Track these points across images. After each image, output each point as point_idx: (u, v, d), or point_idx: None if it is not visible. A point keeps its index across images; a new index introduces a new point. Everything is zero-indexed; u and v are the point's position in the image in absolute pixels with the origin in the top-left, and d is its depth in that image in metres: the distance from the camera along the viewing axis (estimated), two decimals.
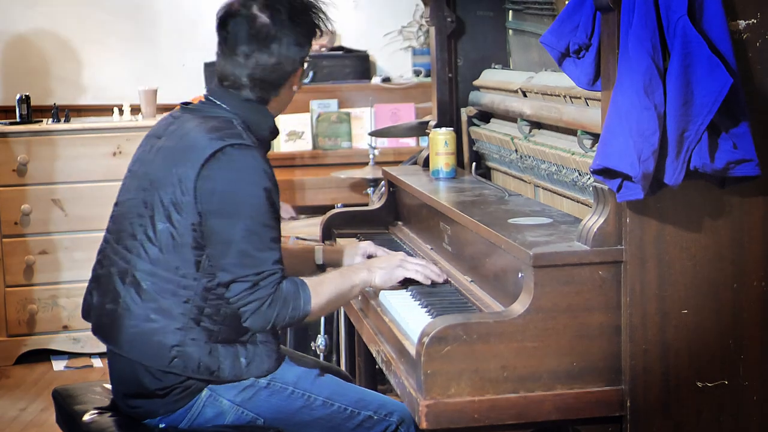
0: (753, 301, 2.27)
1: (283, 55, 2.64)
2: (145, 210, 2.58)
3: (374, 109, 5.39)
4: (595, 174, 2.19)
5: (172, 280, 2.54)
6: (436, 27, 3.46)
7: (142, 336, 2.56)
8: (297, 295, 2.55)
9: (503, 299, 2.46)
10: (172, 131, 2.64)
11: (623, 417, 2.25)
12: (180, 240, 2.53)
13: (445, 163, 3.31)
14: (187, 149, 2.56)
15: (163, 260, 2.54)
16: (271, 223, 2.54)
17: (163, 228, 2.55)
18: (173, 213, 2.54)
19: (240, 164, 2.53)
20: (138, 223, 2.59)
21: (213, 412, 2.61)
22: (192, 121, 2.63)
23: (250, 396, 2.61)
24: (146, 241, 2.57)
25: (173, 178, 2.55)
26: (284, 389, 2.64)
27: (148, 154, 2.66)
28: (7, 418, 4.50)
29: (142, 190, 2.61)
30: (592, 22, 2.24)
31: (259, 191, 2.53)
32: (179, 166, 2.55)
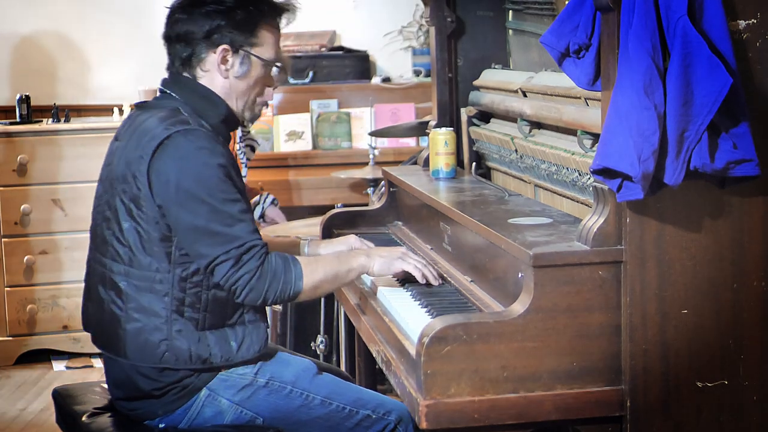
0: (753, 301, 2.27)
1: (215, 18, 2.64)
2: (110, 212, 2.60)
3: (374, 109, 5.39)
4: (595, 174, 2.19)
5: (147, 277, 2.55)
6: (436, 27, 3.46)
7: (132, 338, 2.57)
8: (288, 269, 2.55)
9: (503, 299, 2.46)
10: (126, 131, 2.66)
11: (623, 417, 2.25)
12: (146, 236, 2.55)
13: (445, 163, 3.31)
14: (137, 145, 2.58)
15: (135, 259, 2.56)
16: (233, 197, 2.53)
17: (129, 227, 2.56)
18: (134, 210, 2.55)
19: (187, 148, 2.53)
20: (106, 226, 2.61)
21: (212, 411, 2.61)
22: (142, 116, 2.64)
23: (248, 395, 2.62)
24: (116, 243, 2.58)
25: (128, 176, 2.56)
26: (283, 388, 2.64)
27: (110, 158, 2.69)
28: (7, 418, 4.50)
29: (105, 193, 2.64)
30: (592, 22, 2.24)
31: (211, 170, 2.52)
32: (132, 163, 2.57)
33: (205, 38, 2.65)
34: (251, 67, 2.69)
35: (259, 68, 2.70)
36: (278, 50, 2.73)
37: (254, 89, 2.72)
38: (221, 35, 2.65)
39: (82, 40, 5.79)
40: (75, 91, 5.79)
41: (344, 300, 3.07)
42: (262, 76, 2.71)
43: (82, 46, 5.79)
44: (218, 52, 2.65)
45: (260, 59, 2.68)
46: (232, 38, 2.65)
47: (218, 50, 2.65)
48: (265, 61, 2.69)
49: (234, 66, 2.67)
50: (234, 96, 2.70)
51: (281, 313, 4.12)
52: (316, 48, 5.74)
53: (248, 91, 2.71)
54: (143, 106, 2.72)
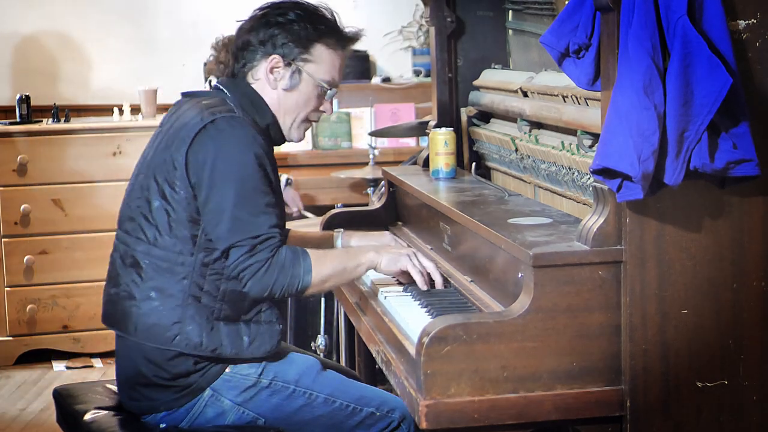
0: (753, 301, 2.27)
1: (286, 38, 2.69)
2: (141, 193, 2.63)
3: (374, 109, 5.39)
4: (595, 174, 2.19)
5: (169, 258, 2.57)
6: (436, 27, 3.46)
7: (144, 316, 2.58)
8: (297, 262, 2.55)
9: (503, 299, 2.46)
10: (170, 117, 2.70)
11: (623, 417, 2.25)
12: (175, 216, 2.56)
13: (445, 163, 3.31)
14: (180, 128, 2.60)
15: (160, 239, 2.58)
16: (264, 188, 2.55)
17: (158, 206, 2.58)
18: (167, 189, 2.57)
19: (228, 133, 2.56)
20: (136, 205, 2.63)
21: (214, 412, 2.61)
22: (187, 104, 2.68)
23: (251, 396, 2.62)
24: (144, 222, 2.60)
25: (168, 158, 2.59)
26: (286, 388, 2.64)
27: (152, 144, 2.72)
28: (7, 418, 4.50)
29: (140, 176, 2.66)
30: (591, 22, 2.24)
31: (247, 157, 2.54)
32: (172, 144, 2.59)
33: (260, 45, 2.70)
34: (301, 82, 2.71)
35: (310, 86, 2.72)
36: (335, 74, 2.75)
37: (304, 108, 2.74)
38: (275, 45, 2.69)
39: (83, 40, 5.79)
40: (75, 91, 5.79)
41: (344, 300, 3.07)
42: (312, 95, 2.73)
43: (83, 46, 5.79)
44: (269, 61, 2.69)
45: (311, 77, 2.71)
46: (285, 50, 2.69)
47: (269, 59, 2.69)
48: (316, 80, 2.71)
49: (283, 78, 2.71)
50: (282, 110, 2.73)
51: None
52: None
53: (297, 109, 2.73)
54: (189, 94, 2.75)
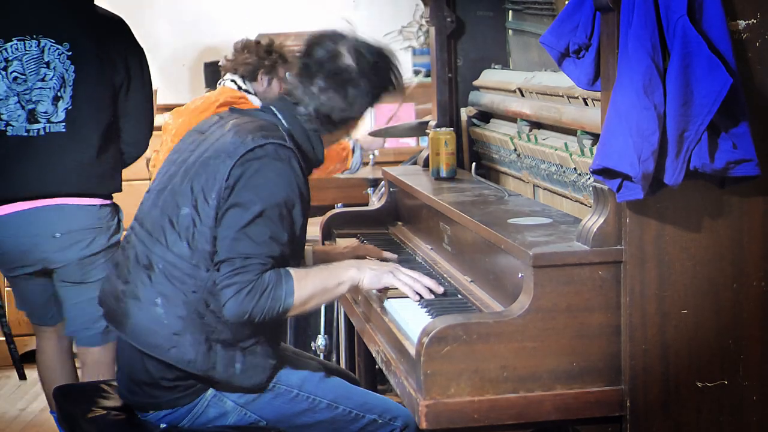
0: (753, 301, 2.27)
1: (356, 101, 2.68)
2: (173, 196, 2.60)
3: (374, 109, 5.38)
4: (595, 174, 2.19)
5: (184, 268, 2.54)
6: (436, 27, 3.46)
7: (145, 320, 2.56)
8: (279, 284, 2.51)
9: (503, 299, 2.46)
10: (217, 128, 2.67)
11: (623, 417, 2.25)
12: (200, 227, 2.54)
13: (445, 163, 3.31)
14: (229, 143, 2.57)
15: (180, 246, 2.55)
16: (279, 225, 2.52)
17: (186, 213, 2.56)
18: (200, 198, 2.55)
19: (272, 161, 2.54)
20: (164, 206, 2.60)
21: (216, 412, 2.61)
22: (238, 120, 2.66)
23: (253, 398, 2.61)
24: (168, 225, 2.58)
25: (209, 168, 2.56)
26: (289, 392, 2.63)
27: (188, 146, 2.69)
28: (7, 418, 4.50)
29: (175, 176, 2.63)
30: (591, 22, 2.24)
31: (278, 191, 2.53)
32: (218, 157, 2.56)
33: (358, 114, 2.77)
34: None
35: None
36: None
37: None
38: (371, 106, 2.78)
39: None
40: None
41: (344, 300, 3.07)
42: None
43: None
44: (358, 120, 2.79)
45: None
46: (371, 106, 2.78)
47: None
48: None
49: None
50: (330, 145, 2.81)
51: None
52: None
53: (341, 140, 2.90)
54: (239, 111, 2.74)
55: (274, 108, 2.69)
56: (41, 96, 3.47)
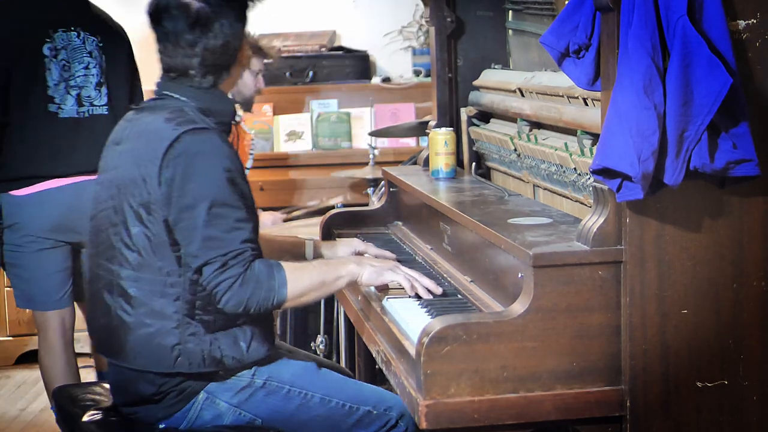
0: (753, 301, 2.27)
1: (228, 33, 2.62)
2: (116, 217, 2.57)
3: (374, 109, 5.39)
4: (595, 174, 2.19)
5: (158, 281, 2.53)
6: (436, 27, 3.46)
7: (143, 343, 2.54)
8: (271, 275, 2.50)
9: (503, 299, 2.46)
10: (129, 134, 2.64)
11: (623, 417, 2.25)
12: (156, 240, 2.52)
13: (445, 163, 3.31)
14: (146, 147, 2.55)
15: (145, 263, 2.53)
16: (235, 203, 2.51)
17: (138, 231, 2.53)
18: (144, 214, 2.52)
19: (196, 149, 2.52)
20: (113, 232, 2.58)
21: (211, 414, 2.60)
22: (145, 119, 2.62)
23: (246, 397, 2.61)
24: (124, 248, 2.55)
25: (138, 180, 2.53)
26: (281, 388, 2.63)
27: (112, 162, 2.65)
28: (7, 418, 4.50)
29: (110, 199, 2.60)
30: (591, 22, 2.24)
31: (217, 172, 2.51)
32: (141, 166, 2.54)
33: (238, 43, 2.69)
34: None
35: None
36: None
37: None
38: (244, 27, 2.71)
39: None
40: None
41: (344, 300, 3.07)
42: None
43: None
44: (243, 49, 2.71)
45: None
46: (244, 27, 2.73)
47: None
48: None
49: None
50: (233, 85, 2.75)
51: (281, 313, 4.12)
52: (316, 48, 5.74)
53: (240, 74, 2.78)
54: (141, 108, 2.70)
55: (167, 91, 2.66)
56: (86, 82, 3.87)
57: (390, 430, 2.67)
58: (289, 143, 5.58)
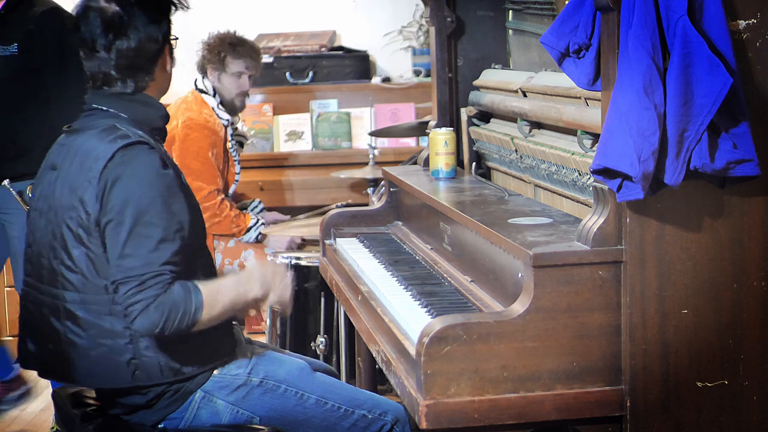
0: (753, 301, 2.27)
1: (142, 36, 2.59)
2: (56, 242, 2.54)
3: (374, 109, 5.39)
4: (595, 174, 2.19)
5: (104, 301, 2.50)
6: (436, 27, 3.46)
7: (98, 363, 2.52)
8: (188, 299, 2.45)
9: (503, 299, 2.46)
10: (64, 158, 2.60)
11: (623, 417, 2.25)
12: (98, 259, 2.49)
13: (445, 163, 3.31)
14: (80, 169, 2.52)
15: (89, 284, 2.51)
16: (161, 222, 2.46)
17: (79, 253, 2.51)
18: (83, 235, 2.50)
19: (126, 165, 2.49)
20: (53, 256, 2.55)
21: (208, 413, 2.60)
22: (77, 140, 2.59)
23: (243, 395, 2.61)
24: (66, 272, 2.52)
25: (75, 202, 2.51)
26: (277, 387, 2.63)
27: (48, 188, 2.61)
28: (7, 418, 4.50)
29: (49, 223, 2.57)
30: (592, 22, 2.24)
31: (146, 190, 2.47)
32: (79, 189, 2.51)
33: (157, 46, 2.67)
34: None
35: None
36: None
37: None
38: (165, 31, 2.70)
39: None
40: None
41: (344, 300, 3.07)
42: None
43: None
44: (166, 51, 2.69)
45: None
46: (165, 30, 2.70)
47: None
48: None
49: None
50: (163, 87, 2.74)
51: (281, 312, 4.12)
52: (316, 48, 5.74)
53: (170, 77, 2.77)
54: (73, 130, 2.65)
55: (96, 104, 2.63)
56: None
57: None
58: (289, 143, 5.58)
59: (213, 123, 4.68)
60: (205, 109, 4.71)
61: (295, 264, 4.05)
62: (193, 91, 4.79)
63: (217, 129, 4.69)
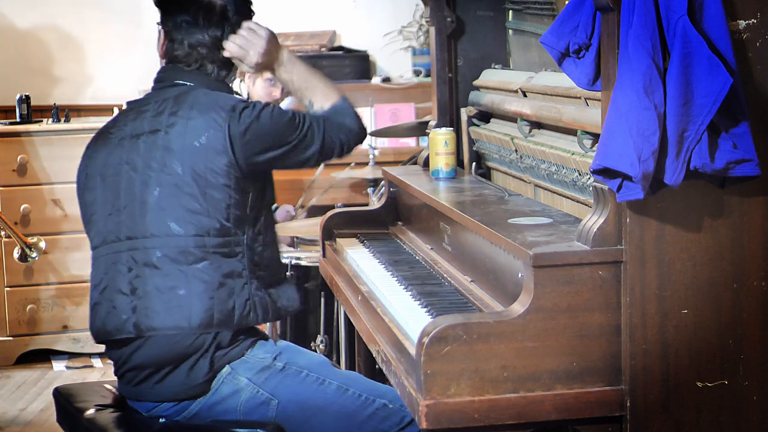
0: (753, 301, 2.27)
1: (235, 27, 2.75)
2: (176, 189, 2.61)
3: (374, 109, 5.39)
4: (595, 174, 2.19)
5: (228, 243, 2.62)
6: (436, 27, 3.46)
7: (213, 307, 2.59)
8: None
9: (503, 299, 2.46)
10: (155, 122, 2.67)
11: (623, 417, 2.25)
12: (229, 201, 2.61)
13: (445, 163, 3.31)
14: (194, 122, 2.62)
15: (215, 226, 2.60)
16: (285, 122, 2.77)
17: (208, 196, 2.60)
18: (212, 178, 2.60)
19: (254, 112, 2.67)
20: (171, 204, 2.61)
21: (230, 389, 2.62)
22: (167, 104, 2.68)
23: (266, 377, 2.64)
24: (190, 216, 2.60)
25: (199, 150, 2.61)
26: (299, 372, 2.67)
27: (140, 151, 2.66)
28: (7, 418, 4.50)
29: (164, 175, 2.62)
30: (592, 22, 2.24)
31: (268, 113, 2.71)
32: (195, 139, 2.61)
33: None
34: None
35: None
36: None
37: None
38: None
39: (82, 40, 5.79)
40: (75, 91, 5.79)
41: (344, 300, 3.07)
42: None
43: (82, 46, 5.79)
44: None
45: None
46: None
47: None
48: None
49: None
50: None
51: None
52: (316, 48, 5.74)
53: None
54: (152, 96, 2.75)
55: (180, 80, 2.73)
56: None
57: (405, 427, 2.68)
58: None
59: None
60: None
61: (295, 264, 4.05)
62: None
63: None
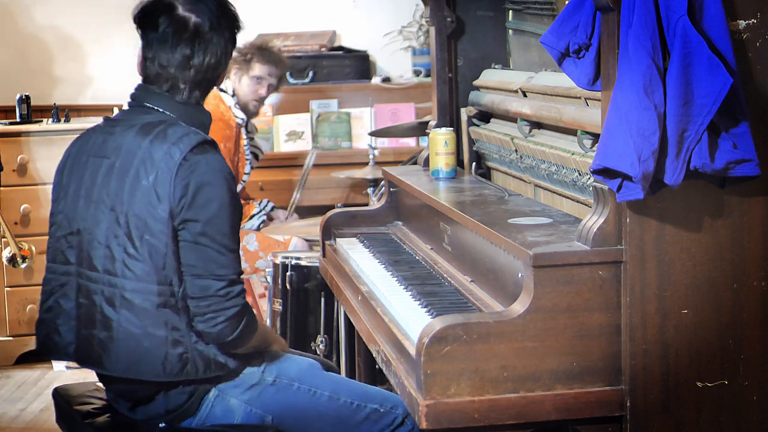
0: (753, 301, 2.27)
1: (222, 53, 2.62)
2: (119, 229, 2.52)
3: (374, 109, 5.39)
4: (595, 174, 2.19)
5: (165, 292, 2.50)
6: (436, 27, 3.46)
7: (148, 354, 2.51)
8: (254, 317, 2.57)
9: (503, 299, 2.46)
10: (117, 148, 2.59)
11: (623, 417, 2.25)
12: (166, 249, 2.49)
13: (445, 163, 3.31)
14: (150, 159, 2.51)
15: (152, 274, 2.49)
16: (234, 228, 2.53)
17: (145, 242, 2.50)
18: (152, 223, 2.49)
19: (211, 162, 2.52)
20: (115, 243, 2.52)
21: (222, 410, 2.61)
22: (131, 131, 2.59)
23: (257, 394, 2.62)
24: (128, 259, 2.50)
25: (144, 190, 2.50)
26: (290, 385, 2.65)
27: (98, 177, 2.60)
28: (7, 418, 4.50)
29: (109, 212, 2.55)
30: (592, 22, 2.24)
31: (225, 193, 2.51)
32: (144, 177, 2.51)
33: (227, 64, 2.74)
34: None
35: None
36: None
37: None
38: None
39: (82, 40, 5.79)
40: (75, 91, 5.79)
41: (344, 300, 3.07)
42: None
43: (82, 45, 5.79)
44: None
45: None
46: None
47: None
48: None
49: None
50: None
51: (281, 312, 4.12)
52: (316, 48, 5.74)
53: None
54: (118, 120, 2.67)
55: (149, 104, 2.63)
56: None
57: (397, 428, 2.69)
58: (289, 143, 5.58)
59: (228, 117, 4.76)
60: (222, 104, 4.77)
61: (295, 264, 4.05)
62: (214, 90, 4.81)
63: (232, 124, 4.75)
